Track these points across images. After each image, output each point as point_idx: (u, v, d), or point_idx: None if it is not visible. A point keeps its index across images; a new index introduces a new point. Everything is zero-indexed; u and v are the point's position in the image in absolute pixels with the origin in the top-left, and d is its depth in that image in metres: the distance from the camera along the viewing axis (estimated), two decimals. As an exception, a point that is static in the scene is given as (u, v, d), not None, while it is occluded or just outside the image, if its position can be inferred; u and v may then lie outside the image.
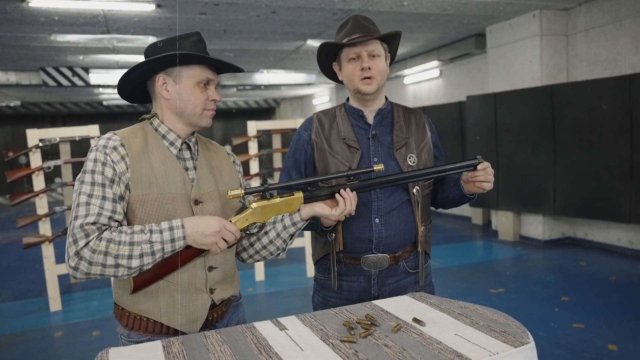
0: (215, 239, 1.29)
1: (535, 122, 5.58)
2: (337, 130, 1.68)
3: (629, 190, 4.73)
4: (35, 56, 7.18)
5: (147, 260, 1.23)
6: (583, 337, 3.21)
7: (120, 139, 1.33)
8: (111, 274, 1.22)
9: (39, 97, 12.09)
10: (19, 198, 4.10)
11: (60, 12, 4.95)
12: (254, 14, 5.35)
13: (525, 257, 5.42)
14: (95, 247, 1.19)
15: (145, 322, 1.34)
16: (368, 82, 1.62)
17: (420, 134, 1.72)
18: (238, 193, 1.34)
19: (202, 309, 1.38)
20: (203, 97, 1.38)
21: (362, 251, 1.64)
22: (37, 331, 3.80)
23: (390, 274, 1.67)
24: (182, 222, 1.27)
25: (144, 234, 1.23)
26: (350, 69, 1.64)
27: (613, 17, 5.15)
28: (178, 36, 1.37)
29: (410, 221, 1.66)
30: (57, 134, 4.24)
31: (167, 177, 1.34)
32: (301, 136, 1.72)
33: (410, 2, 5.04)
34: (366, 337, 1.19)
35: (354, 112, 1.70)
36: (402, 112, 1.75)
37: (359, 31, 1.61)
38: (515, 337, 1.14)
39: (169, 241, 1.25)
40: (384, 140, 1.67)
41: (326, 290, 1.74)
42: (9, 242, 7.63)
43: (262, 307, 4.20)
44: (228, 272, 1.45)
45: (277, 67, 9.51)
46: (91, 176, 1.27)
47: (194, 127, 1.42)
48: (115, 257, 1.20)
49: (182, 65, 1.35)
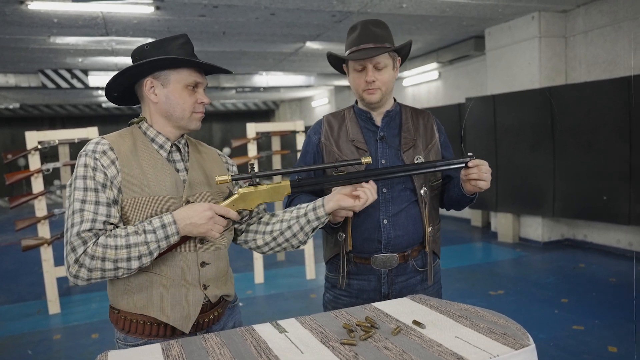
0: (210, 226, 1.30)
1: (534, 124, 5.58)
2: (346, 133, 1.69)
3: (628, 191, 4.73)
4: (34, 58, 7.18)
5: (146, 260, 1.26)
6: (583, 339, 3.21)
7: (109, 143, 1.33)
8: (112, 275, 1.25)
9: (38, 100, 12.08)
10: (18, 200, 4.09)
11: (59, 15, 4.95)
12: (253, 16, 5.36)
13: (524, 258, 5.42)
14: (93, 254, 1.21)
15: (141, 325, 1.35)
16: (372, 92, 1.63)
17: (428, 135, 1.73)
18: (225, 179, 1.35)
19: (196, 304, 1.38)
20: (191, 100, 1.37)
21: (371, 251, 1.66)
22: (36, 334, 3.79)
23: (400, 272, 1.69)
24: (174, 218, 1.28)
25: (138, 236, 1.24)
26: (355, 78, 1.66)
27: (611, 19, 5.16)
28: (165, 39, 1.36)
29: (418, 222, 1.67)
30: (56, 136, 4.24)
31: (157, 179, 1.34)
32: (311, 139, 1.75)
33: (409, 4, 5.05)
34: (366, 340, 1.18)
35: (362, 114, 1.72)
36: (410, 113, 1.75)
37: (366, 40, 1.59)
38: (515, 339, 1.13)
39: (164, 238, 1.26)
40: (392, 142, 1.68)
41: (337, 289, 1.75)
42: (7, 244, 7.61)
43: (261, 309, 4.19)
44: (221, 269, 1.45)
45: (276, 69, 9.52)
46: (83, 182, 1.27)
47: (183, 130, 1.41)
48: (114, 262, 1.22)
49: (170, 68, 1.34)
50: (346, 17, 5.52)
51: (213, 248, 1.42)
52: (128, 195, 1.30)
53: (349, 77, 1.71)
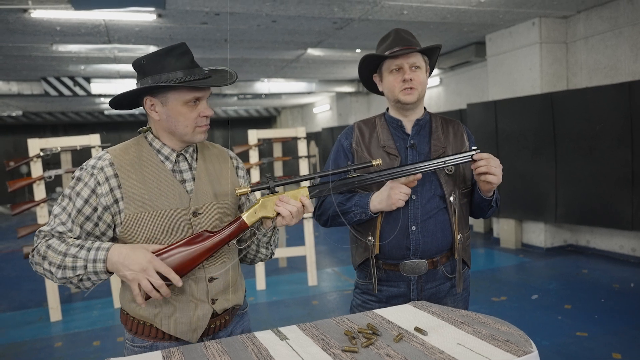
0: (138, 277, 1.21)
1: (536, 130, 5.58)
2: (377, 139, 1.71)
3: (631, 197, 4.72)
4: (37, 66, 7.21)
5: (69, 273, 1.24)
6: (587, 345, 3.19)
7: (110, 158, 1.33)
8: (48, 276, 1.28)
9: (40, 107, 12.13)
10: (20, 207, 4.10)
11: (62, 23, 4.98)
12: (255, 24, 5.38)
13: (527, 264, 5.40)
14: (39, 249, 1.27)
15: (148, 327, 1.36)
16: (409, 92, 1.66)
17: (458, 144, 1.74)
18: (245, 190, 1.35)
19: (203, 319, 1.38)
20: (193, 116, 1.33)
21: (399, 257, 1.67)
22: (37, 341, 3.78)
23: (430, 279, 1.70)
24: (110, 247, 1.24)
25: (76, 248, 1.25)
26: (391, 79, 1.68)
27: (612, 24, 5.17)
28: (163, 50, 1.32)
29: (447, 229, 1.68)
30: (58, 144, 4.25)
31: (160, 193, 1.33)
32: (342, 144, 1.76)
33: (410, 11, 5.07)
34: (368, 347, 1.18)
35: (393, 121, 1.74)
36: (440, 122, 1.78)
37: (400, 44, 1.65)
38: (518, 346, 1.12)
39: (92, 260, 1.23)
40: (422, 150, 1.70)
41: (367, 295, 1.76)
42: (9, 251, 7.61)
43: (262, 316, 4.17)
44: (230, 281, 1.44)
45: (277, 76, 9.55)
46: (70, 191, 1.32)
47: (188, 143, 1.40)
48: (50, 264, 1.25)
49: (167, 88, 1.32)
50: (347, 24, 5.54)
51: (220, 262, 1.41)
52: (130, 211, 1.30)
53: (382, 84, 1.73)
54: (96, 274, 1.24)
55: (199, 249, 1.29)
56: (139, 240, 1.31)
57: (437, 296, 1.71)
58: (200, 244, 1.29)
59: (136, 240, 1.31)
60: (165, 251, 1.27)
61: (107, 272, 1.24)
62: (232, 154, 1.57)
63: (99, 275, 1.24)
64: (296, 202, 1.36)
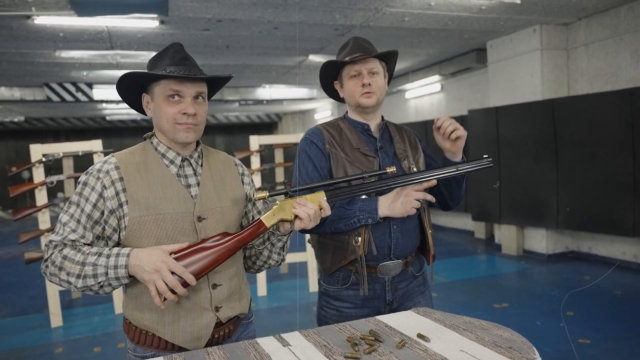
0: (153, 277, 1.21)
1: (537, 136, 5.59)
2: (349, 141, 1.74)
3: (633, 203, 4.72)
4: (39, 72, 7.24)
5: (89, 282, 1.24)
6: (589, 352, 3.17)
7: (116, 162, 1.34)
8: (65, 286, 1.27)
9: (42, 113, 12.17)
10: (22, 213, 4.10)
11: (65, 29, 5.01)
12: (256, 30, 5.41)
13: (529, 271, 5.39)
14: (54, 260, 1.26)
15: (150, 337, 1.34)
16: (368, 95, 1.71)
17: (414, 147, 1.83)
18: (263, 195, 1.35)
19: (207, 327, 1.36)
20: (172, 111, 1.32)
21: (380, 258, 1.69)
22: (38, 347, 3.77)
23: (401, 279, 1.74)
24: (129, 252, 1.25)
25: (94, 256, 1.25)
26: (351, 85, 1.73)
27: (613, 31, 5.19)
28: (159, 53, 1.36)
29: (418, 226, 1.76)
30: (60, 149, 4.26)
31: (165, 197, 1.33)
32: (316, 144, 1.74)
33: (411, 17, 5.09)
34: (370, 353, 1.18)
35: (359, 125, 1.78)
36: (394, 128, 1.86)
37: (359, 51, 1.71)
38: (521, 353, 1.12)
39: (113, 267, 1.23)
40: (389, 152, 1.76)
41: (340, 301, 1.73)
42: (11, 257, 7.61)
43: (264, 322, 4.16)
44: (234, 289, 1.43)
45: (279, 82, 9.58)
46: (77, 198, 1.32)
47: (175, 142, 1.38)
48: (67, 274, 1.24)
49: (154, 81, 1.34)
50: (348, 31, 5.56)
51: (224, 269, 1.39)
52: (134, 214, 1.30)
53: (342, 89, 1.79)
54: (117, 280, 1.25)
55: (221, 249, 1.29)
56: (143, 245, 1.30)
57: (408, 294, 1.76)
58: (223, 245, 1.29)
59: (140, 245, 1.30)
60: (186, 253, 1.27)
61: (129, 276, 1.25)
62: (238, 161, 1.57)
63: (120, 281, 1.26)
64: (314, 204, 1.37)
